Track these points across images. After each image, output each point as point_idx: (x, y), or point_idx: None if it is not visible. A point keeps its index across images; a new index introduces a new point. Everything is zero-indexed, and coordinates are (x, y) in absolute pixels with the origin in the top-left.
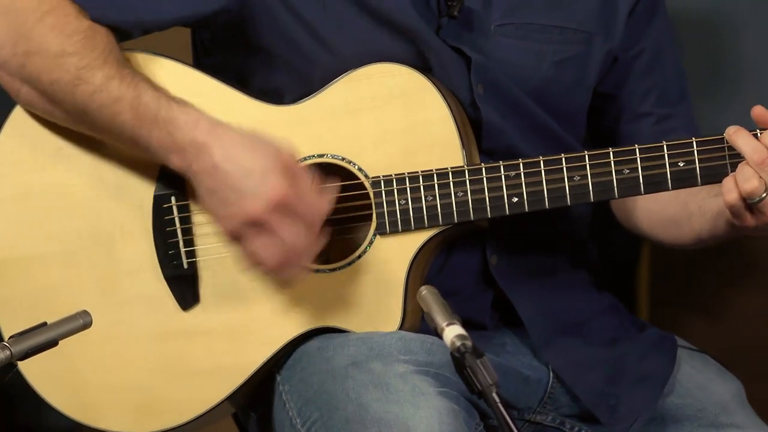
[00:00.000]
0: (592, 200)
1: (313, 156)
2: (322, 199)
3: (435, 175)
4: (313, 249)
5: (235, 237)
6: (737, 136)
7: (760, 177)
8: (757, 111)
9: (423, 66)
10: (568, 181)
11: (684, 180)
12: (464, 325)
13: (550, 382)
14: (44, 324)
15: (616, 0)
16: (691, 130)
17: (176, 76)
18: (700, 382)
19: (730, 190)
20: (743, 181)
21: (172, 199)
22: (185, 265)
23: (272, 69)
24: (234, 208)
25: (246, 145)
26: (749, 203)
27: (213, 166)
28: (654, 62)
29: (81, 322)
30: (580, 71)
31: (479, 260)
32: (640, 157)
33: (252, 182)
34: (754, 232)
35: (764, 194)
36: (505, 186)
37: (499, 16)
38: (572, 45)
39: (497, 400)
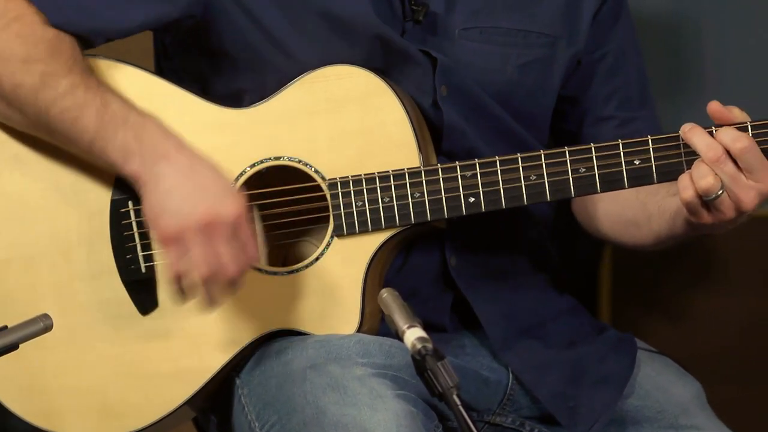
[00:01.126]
0: (548, 199)
1: (270, 159)
2: (258, 246)
3: (391, 177)
4: (237, 286)
5: (176, 239)
6: (692, 134)
7: (716, 174)
8: (713, 107)
9: (384, 69)
10: (524, 181)
11: (640, 178)
12: (424, 327)
13: (510, 384)
14: (5, 327)
15: (580, 3)
16: (655, 133)
17: (136, 82)
18: (660, 384)
19: (686, 187)
20: (699, 178)
21: (129, 203)
22: (143, 270)
23: (232, 73)
24: (192, 209)
25: (209, 167)
26: (705, 200)
27: (178, 169)
28: (617, 65)
29: (42, 325)
30: (544, 75)
31: (438, 261)
32: (595, 156)
33: (216, 193)
34: (712, 229)
35: (720, 191)
36: (462, 186)
37: (463, 20)
38: (536, 48)
39: (458, 402)
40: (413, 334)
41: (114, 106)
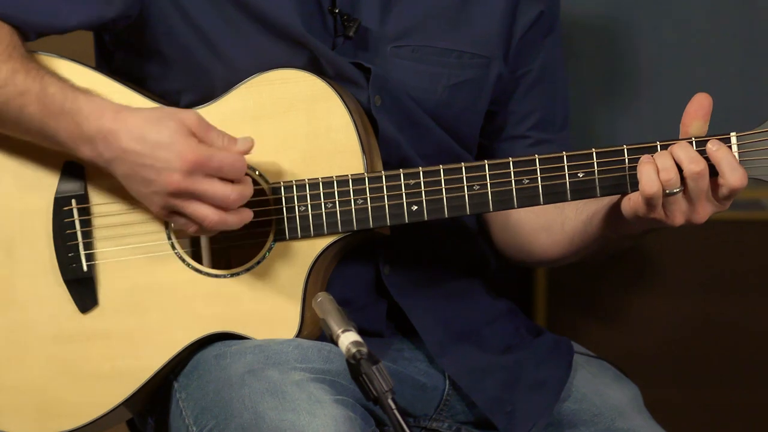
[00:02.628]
0: (491, 210)
1: None
2: (236, 147)
3: (335, 183)
4: (245, 195)
5: (169, 211)
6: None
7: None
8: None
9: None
10: (467, 191)
11: (583, 191)
12: (361, 333)
13: (446, 389)
14: None
15: (514, 24)
16: None
17: (77, 78)
18: (597, 388)
19: (652, 181)
20: (663, 170)
21: (73, 201)
22: (84, 268)
23: (168, 74)
24: (154, 185)
25: (150, 121)
26: (667, 194)
27: (122, 150)
28: (538, 84)
29: None
30: (475, 94)
31: (372, 270)
32: (540, 168)
33: (162, 154)
34: (641, 226)
35: (678, 189)
36: (405, 194)
37: (396, 37)
38: (469, 69)
39: (393, 406)
40: (348, 339)
41: (52, 90)
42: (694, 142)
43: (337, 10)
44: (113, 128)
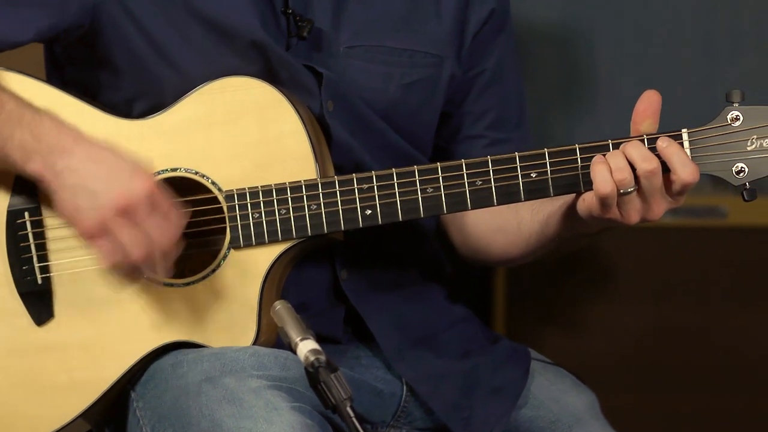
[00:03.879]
0: (445, 212)
1: (167, 170)
2: (179, 213)
3: (288, 189)
4: (173, 253)
5: (101, 231)
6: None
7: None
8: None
9: (274, 82)
10: (421, 194)
11: (537, 191)
12: (318, 340)
13: (404, 396)
14: None
15: (466, 23)
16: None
17: (28, 91)
18: (554, 394)
19: (606, 181)
20: (616, 170)
21: (26, 214)
22: (39, 281)
23: (120, 84)
24: (102, 198)
25: (111, 151)
26: (621, 193)
27: (80, 161)
28: (493, 83)
29: None
30: (429, 94)
31: (329, 275)
32: (492, 169)
33: (122, 175)
34: (597, 225)
35: (632, 188)
36: (359, 199)
37: (348, 37)
38: (422, 68)
39: (351, 414)
40: (306, 347)
41: (9, 106)
42: (645, 140)
43: (290, 11)
44: (73, 146)
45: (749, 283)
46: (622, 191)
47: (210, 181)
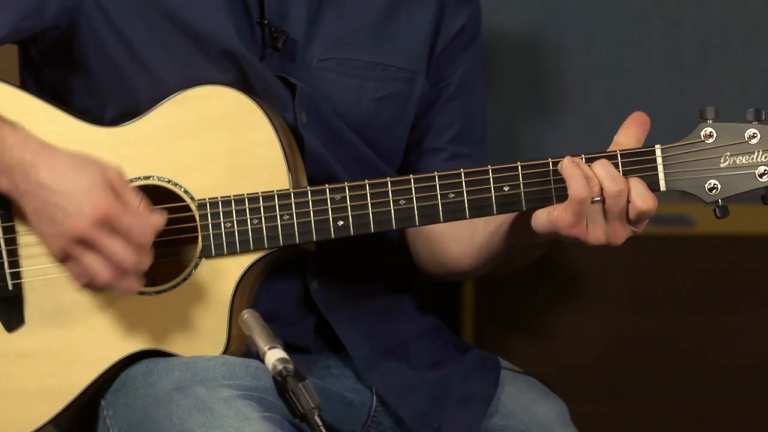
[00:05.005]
0: (417, 224)
1: (140, 178)
2: (150, 217)
3: (261, 198)
4: (143, 265)
5: (65, 256)
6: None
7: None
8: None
9: (248, 92)
10: (393, 205)
11: (509, 204)
12: (288, 349)
13: (374, 406)
14: None
15: (436, 38)
16: None
17: (3, 98)
18: (524, 404)
19: (581, 187)
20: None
21: None
22: (10, 287)
23: (95, 88)
24: (60, 227)
25: (73, 164)
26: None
27: (39, 185)
28: (457, 97)
29: None
30: (401, 108)
31: (300, 285)
32: (465, 181)
33: (76, 200)
34: (548, 236)
35: (599, 197)
36: (331, 209)
37: (322, 50)
38: (394, 83)
39: (319, 423)
40: (274, 355)
41: None
42: (619, 155)
43: (266, 22)
44: (35, 162)
45: (718, 291)
46: (592, 198)
47: (182, 189)
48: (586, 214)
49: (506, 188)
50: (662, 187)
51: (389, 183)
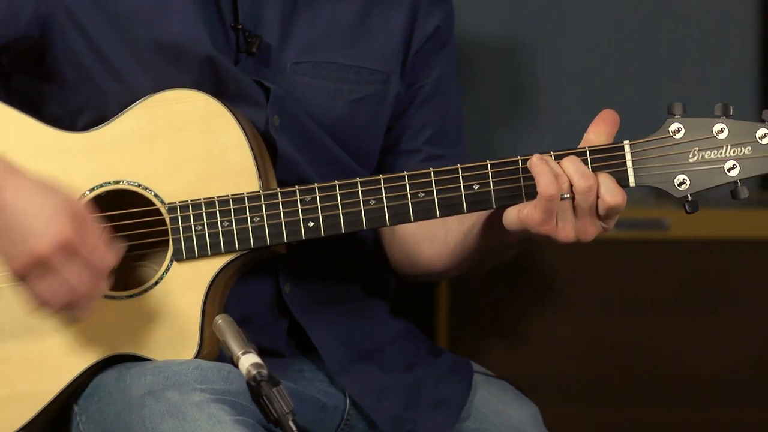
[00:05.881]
0: (388, 224)
1: (110, 183)
2: (109, 249)
3: (231, 201)
4: (97, 295)
5: (22, 277)
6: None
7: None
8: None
9: (221, 96)
10: (363, 205)
11: (479, 203)
12: (261, 353)
13: (347, 409)
14: None
15: (410, 40)
16: None
17: None
18: (497, 407)
19: (550, 184)
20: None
21: None
22: None
23: (67, 95)
24: (20, 248)
25: (39, 189)
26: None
27: (4, 205)
28: (433, 98)
29: None
30: (376, 111)
31: (272, 288)
32: (435, 180)
33: (40, 223)
34: (522, 234)
35: (568, 194)
36: (301, 211)
37: (296, 54)
38: (369, 85)
39: (294, 428)
40: (248, 360)
41: None
42: (588, 151)
43: (240, 26)
44: (1, 183)
45: (691, 296)
46: (561, 195)
47: (153, 193)
48: (555, 211)
49: (476, 186)
50: (631, 182)
51: (359, 183)
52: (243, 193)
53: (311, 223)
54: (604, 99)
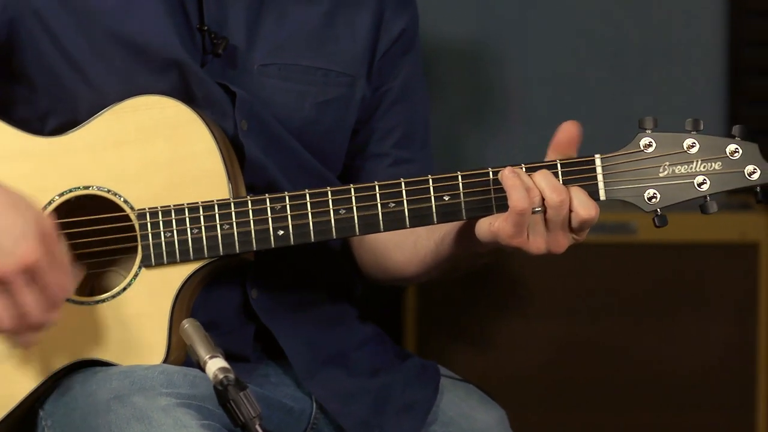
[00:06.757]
0: (357, 234)
1: (79, 188)
2: (70, 278)
3: (201, 208)
4: (48, 324)
5: None
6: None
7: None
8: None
9: (189, 100)
10: (333, 215)
11: (449, 214)
12: (228, 358)
13: (314, 413)
14: None
15: (377, 42)
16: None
17: None
18: (464, 411)
19: (522, 198)
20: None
21: None
22: None
23: (35, 98)
24: None
25: (9, 204)
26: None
27: None
28: (399, 101)
29: None
30: (342, 113)
31: (239, 293)
32: (405, 191)
33: (6, 241)
34: (493, 245)
35: (539, 208)
36: (271, 219)
37: (263, 56)
38: (335, 87)
39: None
40: (215, 365)
41: None
42: (559, 164)
43: (206, 28)
44: None
45: (659, 299)
46: (533, 209)
47: (122, 199)
48: (527, 225)
49: (446, 197)
50: (602, 196)
51: (329, 193)
52: (213, 201)
53: (281, 232)
54: (572, 107)
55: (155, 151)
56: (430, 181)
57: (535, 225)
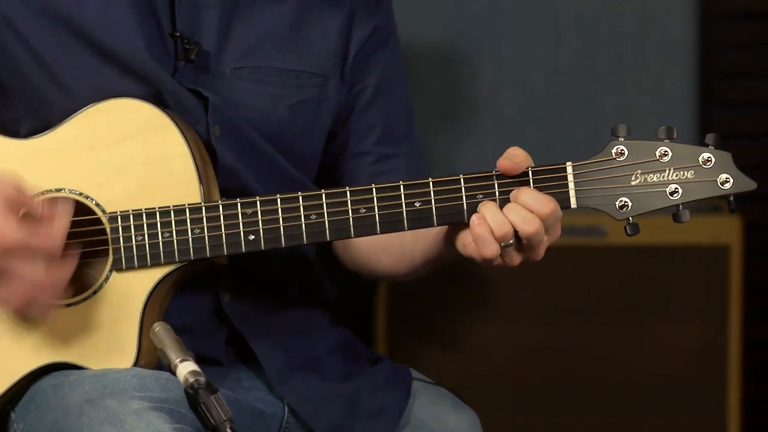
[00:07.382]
0: (328, 239)
1: (51, 191)
2: (54, 226)
3: (172, 212)
4: (59, 279)
5: None
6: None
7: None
8: (503, 166)
9: (162, 105)
10: (304, 220)
11: (420, 220)
12: (200, 362)
13: (285, 417)
14: None
15: (349, 42)
16: (411, 171)
17: None
18: (436, 414)
19: (491, 245)
20: (497, 226)
21: None
22: None
23: (8, 103)
24: None
25: None
26: (503, 246)
27: None
28: (376, 99)
29: None
30: (315, 114)
31: (212, 297)
32: (377, 197)
33: None
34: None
35: (512, 241)
36: (242, 223)
37: (235, 59)
38: (308, 89)
39: None
40: (186, 368)
41: None
42: (530, 172)
43: (178, 34)
44: None
45: (630, 301)
46: (503, 244)
47: (94, 202)
48: (497, 261)
49: (417, 204)
50: (573, 204)
51: (300, 198)
52: (184, 205)
53: (252, 236)
54: (543, 110)
55: (128, 154)
56: (402, 187)
57: (508, 251)
